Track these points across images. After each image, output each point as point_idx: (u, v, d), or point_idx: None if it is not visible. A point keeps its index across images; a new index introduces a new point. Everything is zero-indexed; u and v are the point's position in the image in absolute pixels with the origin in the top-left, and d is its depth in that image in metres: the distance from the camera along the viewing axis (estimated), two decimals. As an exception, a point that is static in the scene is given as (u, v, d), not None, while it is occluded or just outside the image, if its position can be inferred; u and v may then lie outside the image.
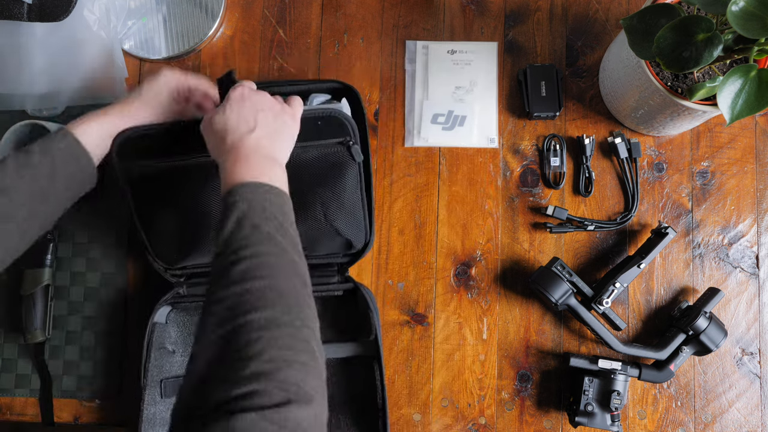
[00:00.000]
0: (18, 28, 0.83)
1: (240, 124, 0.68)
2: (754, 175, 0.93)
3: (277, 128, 0.69)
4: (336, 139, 0.79)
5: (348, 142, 0.79)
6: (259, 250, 0.57)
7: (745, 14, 0.63)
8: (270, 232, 0.59)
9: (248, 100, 0.70)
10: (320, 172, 0.81)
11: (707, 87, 0.75)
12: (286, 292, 0.55)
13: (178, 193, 0.80)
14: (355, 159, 0.80)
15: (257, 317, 0.52)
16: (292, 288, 0.56)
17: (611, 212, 0.93)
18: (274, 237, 0.59)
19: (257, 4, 0.99)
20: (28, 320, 0.89)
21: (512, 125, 0.95)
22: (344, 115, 0.78)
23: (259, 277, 0.55)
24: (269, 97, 0.72)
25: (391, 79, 0.97)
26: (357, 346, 0.90)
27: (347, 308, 0.91)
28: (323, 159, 0.80)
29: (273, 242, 0.58)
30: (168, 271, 0.87)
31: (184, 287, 0.87)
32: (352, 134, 0.79)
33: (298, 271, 0.59)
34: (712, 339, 0.84)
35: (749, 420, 0.90)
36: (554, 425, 0.90)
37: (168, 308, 0.89)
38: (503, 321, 0.92)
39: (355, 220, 0.85)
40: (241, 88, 0.71)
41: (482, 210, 0.93)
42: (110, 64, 0.91)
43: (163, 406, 0.87)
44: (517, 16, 0.97)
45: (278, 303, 0.54)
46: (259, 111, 0.69)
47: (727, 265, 0.92)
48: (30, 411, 0.92)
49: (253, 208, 0.60)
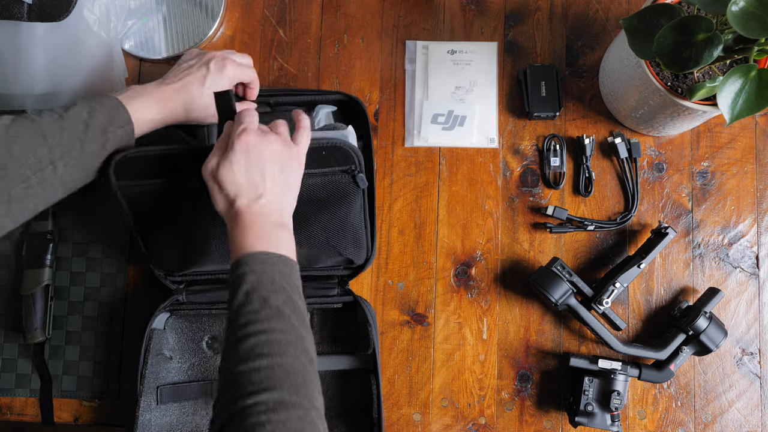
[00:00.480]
0: (18, 28, 0.83)
1: (248, 188, 0.66)
2: (754, 175, 0.93)
3: (284, 186, 0.68)
4: (341, 168, 0.78)
5: (353, 170, 0.78)
6: (268, 326, 0.58)
7: (745, 14, 0.63)
8: (279, 306, 0.60)
9: (253, 150, 0.66)
10: (323, 197, 0.79)
11: (707, 87, 0.75)
12: (294, 370, 0.56)
13: (178, 209, 0.79)
14: (360, 186, 0.79)
15: (265, 399, 0.52)
16: (300, 366, 0.57)
17: (611, 212, 0.93)
18: (283, 311, 0.59)
19: (257, 4, 0.99)
20: (28, 320, 0.89)
21: (512, 125, 0.95)
22: (350, 146, 0.76)
23: (267, 355, 0.56)
24: (275, 143, 0.68)
25: (391, 79, 0.97)
26: (354, 359, 0.90)
27: (346, 320, 0.91)
28: (327, 186, 0.79)
29: (281, 317, 0.59)
30: (168, 278, 0.87)
31: (184, 294, 0.87)
32: (358, 164, 0.78)
33: (306, 348, 0.59)
34: (712, 339, 0.84)
35: (749, 420, 0.90)
36: (554, 425, 0.90)
37: (167, 315, 0.89)
38: (503, 321, 0.92)
39: (357, 242, 0.85)
40: (246, 135, 0.66)
41: (482, 210, 0.93)
42: (110, 64, 0.91)
43: (158, 413, 0.86)
44: (517, 16, 0.97)
45: (286, 383, 0.54)
46: (266, 164, 0.66)
47: (727, 265, 0.92)
48: (30, 411, 0.92)
49: (262, 282, 0.60)
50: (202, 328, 0.90)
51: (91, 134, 0.66)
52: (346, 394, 0.89)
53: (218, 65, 0.77)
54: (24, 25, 0.82)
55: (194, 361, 0.90)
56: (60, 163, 0.65)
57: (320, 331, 0.92)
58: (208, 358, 0.90)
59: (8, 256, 0.93)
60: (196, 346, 0.90)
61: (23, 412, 0.92)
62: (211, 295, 0.87)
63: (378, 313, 0.92)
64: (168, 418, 0.87)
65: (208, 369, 0.90)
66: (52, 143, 0.64)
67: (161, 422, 0.86)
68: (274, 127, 0.71)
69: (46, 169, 0.64)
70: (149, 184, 0.76)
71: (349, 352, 0.90)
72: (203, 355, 0.90)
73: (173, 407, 0.88)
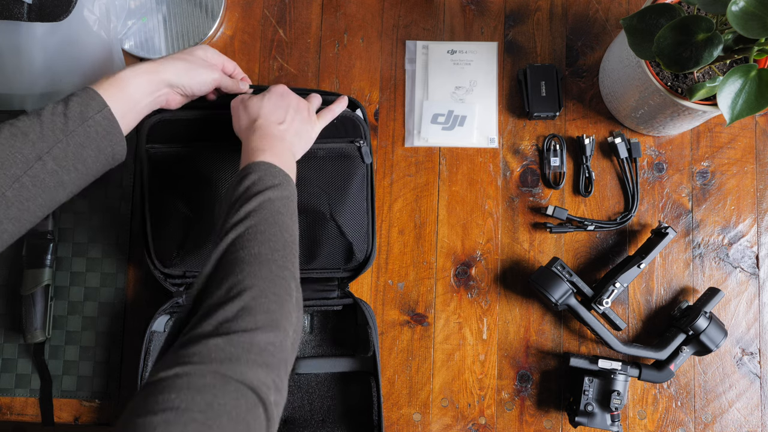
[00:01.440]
0: (18, 28, 0.83)
1: (272, 114, 0.75)
2: (754, 175, 0.93)
3: (301, 130, 0.77)
4: (349, 138, 0.86)
5: (359, 142, 0.85)
6: (263, 201, 0.65)
7: (745, 14, 0.63)
8: (272, 198, 0.66)
9: (287, 98, 0.78)
10: (330, 168, 0.86)
11: (707, 87, 0.75)
12: (275, 238, 0.63)
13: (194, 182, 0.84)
14: (365, 160, 0.86)
15: (245, 253, 0.60)
16: (281, 237, 0.64)
17: (611, 212, 0.93)
18: (275, 202, 0.66)
19: (257, 4, 0.99)
20: (28, 320, 0.89)
21: (512, 125, 0.95)
22: (359, 118, 0.87)
23: (257, 222, 0.63)
24: (305, 103, 0.80)
25: (391, 79, 0.97)
26: (355, 361, 0.89)
27: (346, 323, 0.91)
28: (334, 156, 0.86)
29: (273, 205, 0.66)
30: (167, 280, 0.87)
31: (183, 297, 0.87)
32: (364, 136, 0.86)
33: (290, 229, 0.66)
34: (712, 339, 0.84)
35: (749, 420, 0.90)
36: (554, 425, 0.90)
37: (167, 317, 0.89)
38: (503, 321, 0.92)
39: (358, 222, 0.86)
40: (281, 86, 0.79)
41: (482, 210, 0.93)
42: (110, 64, 0.91)
43: None
44: (517, 16, 0.97)
45: (266, 244, 0.62)
46: (291, 107, 0.77)
47: (727, 265, 0.92)
48: (30, 411, 0.92)
49: (262, 179, 0.67)
50: None
51: (72, 124, 0.66)
52: (346, 397, 0.89)
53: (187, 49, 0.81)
54: (24, 25, 0.82)
55: None
56: (48, 158, 0.65)
57: (320, 333, 0.91)
58: None
59: (8, 256, 0.93)
60: None
61: (23, 412, 0.92)
62: None
63: (378, 313, 0.92)
64: None
65: None
66: (34, 139, 0.64)
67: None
68: (310, 96, 0.83)
69: (35, 165, 0.64)
70: (177, 147, 0.84)
71: (350, 355, 0.90)
72: None
73: None
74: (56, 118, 0.66)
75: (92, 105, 0.68)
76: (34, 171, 0.64)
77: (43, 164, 0.65)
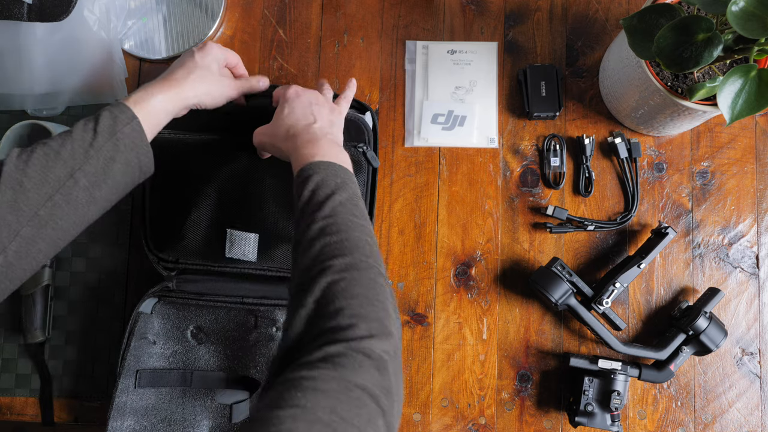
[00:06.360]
0: (18, 28, 0.83)
1: (301, 118, 0.75)
2: (754, 175, 0.93)
3: (333, 119, 0.77)
4: (353, 142, 0.85)
5: (362, 147, 0.84)
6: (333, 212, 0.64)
7: (745, 14, 0.63)
8: (342, 201, 0.65)
9: (303, 96, 0.77)
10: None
11: (707, 87, 0.75)
12: (362, 243, 0.62)
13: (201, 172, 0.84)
14: (372, 164, 0.85)
15: (338, 262, 0.59)
16: (367, 239, 0.63)
17: (611, 212, 0.93)
18: (346, 205, 0.65)
19: (257, 4, 0.99)
20: (28, 320, 0.89)
21: (512, 125, 0.95)
22: (363, 121, 0.85)
23: (336, 233, 0.62)
24: (320, 95, 0.79)
25: (391, 79, 0.97)
26: None
27: None
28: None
29: (345, 208, 0.65)
30: (161, 263, 0.87)
31: (174, 282, 0.87)
32: (368, 141, 0.86)
33: (369, 230, 0.66)
34: (712, 339, 0.84)
35: (749, 420, 0.90)
36: (554, 425, 0.90)
37: (155, 300, 0.89)
38: (503, 321, 0.92)
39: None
40: (291, 87, 0.78)
41: (482, 210, 0.94)
42: (110, 64, 0.91)
43: (135, 396, 0.86)
44: (517, 16, 0.97)
45: (355, 252, 0.61)
46: (312, 103, 0.77)
47: (727, 265, 0.92)
48: (30, 411, 0.92)
49: (326, 180, 0.66)
50: (189, 317, 0.90)
51: (101, 139, 0.66)
52: None
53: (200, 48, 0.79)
54: (24, 25, 0.82)
55: (177, 348, 0.89)
56: (80, 174, 0.64)
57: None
58: (191, 347, 0.90)
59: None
60: (180, 334, 0.90)
61: (23, 412, 0.92)
62: (200, 285, 0.87)
63: (378, 313, 0.92)
64: (144, 402, 0.86)
65: (189, 358, 0.89)
66: (65, 156, 0.64)
67: (137, 405, 0.86)
68: (320, 87, 0.82)
69: (67, 183, 0.64)
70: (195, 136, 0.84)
71: None
72: (186, 343, 0.90)
73: (150, 392, 0.87)
74: (86, 135, 0.66)
75: (121, 118, 0.68)
76: (67, 189, 0.64)
77: (75, 181, 0.64)
